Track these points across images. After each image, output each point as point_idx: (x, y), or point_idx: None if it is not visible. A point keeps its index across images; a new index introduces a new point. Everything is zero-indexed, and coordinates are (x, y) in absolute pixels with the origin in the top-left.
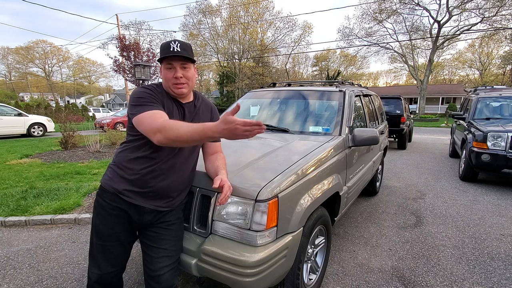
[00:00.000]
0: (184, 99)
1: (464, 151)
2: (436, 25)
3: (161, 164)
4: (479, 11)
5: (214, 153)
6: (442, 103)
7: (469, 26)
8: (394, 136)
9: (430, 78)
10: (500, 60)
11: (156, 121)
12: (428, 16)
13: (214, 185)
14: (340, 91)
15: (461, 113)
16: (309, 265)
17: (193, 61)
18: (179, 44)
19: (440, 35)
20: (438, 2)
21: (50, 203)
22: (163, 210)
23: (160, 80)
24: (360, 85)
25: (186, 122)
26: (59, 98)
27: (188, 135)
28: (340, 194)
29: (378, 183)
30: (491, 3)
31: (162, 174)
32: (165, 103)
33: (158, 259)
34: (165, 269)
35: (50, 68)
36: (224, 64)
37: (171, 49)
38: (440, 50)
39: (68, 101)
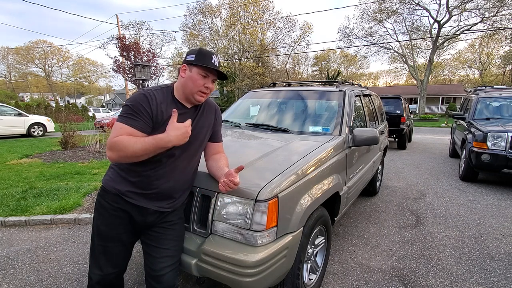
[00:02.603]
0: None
1: (464, 151)
2: (436, 25)
3: (165, 166)
4: (479, 11)
5: (216, 153)
6: (442, 103)
7: (469, 26)
8: (394, 136)
9: (430, 78)
10: (500, 60)
11: (114, 137)
12: (428, 16)
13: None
14: (340, 91)
15: (461, 113)
16: (309, 265)
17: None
18: (218, 61)
19: (440, 35)
20: (438, 2)
21: (50, 203)
22: (166, 211)
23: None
24: (360, 85)
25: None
26: (59, 98)
27: (142, 150)
28: (340, 194)
29: (378, 183)
30: (491, 3)
31: (165, 176)
32: (165, 109)
33: (160, 259)
34: (167, 269)
35: (50, 68)
36: (224, 64)
37: (213, 62)
38: (440, 50)
39: (68, 101)
